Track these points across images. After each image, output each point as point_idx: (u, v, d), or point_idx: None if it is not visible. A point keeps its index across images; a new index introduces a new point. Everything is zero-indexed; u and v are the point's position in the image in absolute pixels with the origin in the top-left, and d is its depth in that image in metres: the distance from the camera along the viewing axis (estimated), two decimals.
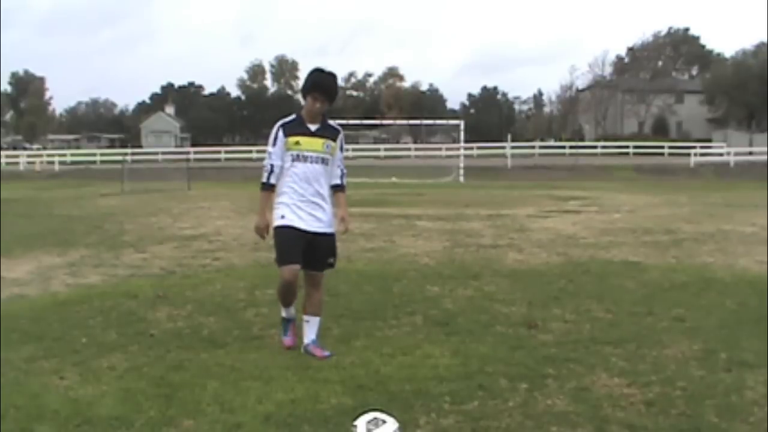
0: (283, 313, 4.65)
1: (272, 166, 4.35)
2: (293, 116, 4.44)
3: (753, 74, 57.18)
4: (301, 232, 4.30)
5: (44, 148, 65.28)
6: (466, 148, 33.56)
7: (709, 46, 78.74)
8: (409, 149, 50.01)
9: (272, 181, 4.36)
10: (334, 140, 4.43)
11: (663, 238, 9.97)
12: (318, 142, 4.34)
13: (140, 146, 65.81)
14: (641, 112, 64.81)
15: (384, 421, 3.13)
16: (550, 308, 5.55)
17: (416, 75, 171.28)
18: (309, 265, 4.42)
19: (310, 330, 4.46)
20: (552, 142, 62.49)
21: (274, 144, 4.35)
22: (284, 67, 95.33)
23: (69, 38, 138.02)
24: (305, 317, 4.48)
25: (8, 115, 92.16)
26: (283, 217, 4.33)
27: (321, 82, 4.32)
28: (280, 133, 4.34)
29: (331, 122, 4.53)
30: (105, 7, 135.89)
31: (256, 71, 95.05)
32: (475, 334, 4.80)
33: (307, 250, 4.34)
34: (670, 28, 77.67)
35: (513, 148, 43.08)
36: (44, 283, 6.96)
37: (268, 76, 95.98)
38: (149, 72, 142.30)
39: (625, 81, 67.87)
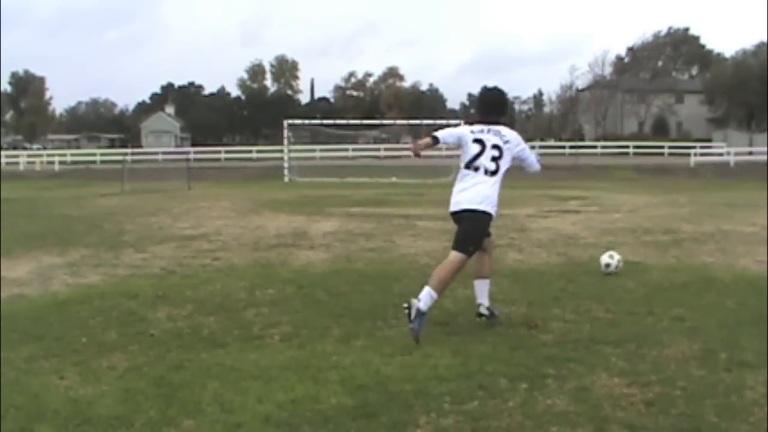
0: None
1: None
2: None
3: (753, 74, 57.21)
4: None
5: (44, 148, 65.29)
6: None
7: (709, 46, 78.87)
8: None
9: None
10: None
11: (663, 238, 9.97)
12: None
13: (140, 146, 65.81)
14: (641, 112, 64.85)
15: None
16: (550, 308, 5.55)
17: (416, 75, 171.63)
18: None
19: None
20: (552, 142, 62.49)
21: None
22: (284, 67, 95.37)
23: (69, 39, 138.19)
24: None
25: (8, 115, 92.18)
26: None
27: None
28: None
29: None
30: (105, 8, 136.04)
31: (256, 71, 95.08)
32: (475, 334, 4.80)
33: None
34: (670, 28, 77.71)
35: None
36: (44, 283, 6.96)
37: (268, 76, 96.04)
38: (149, 72, 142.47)
39: (625, 81, 67.86)
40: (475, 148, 4.83)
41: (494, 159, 4.81)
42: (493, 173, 4.81)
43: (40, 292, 6.55)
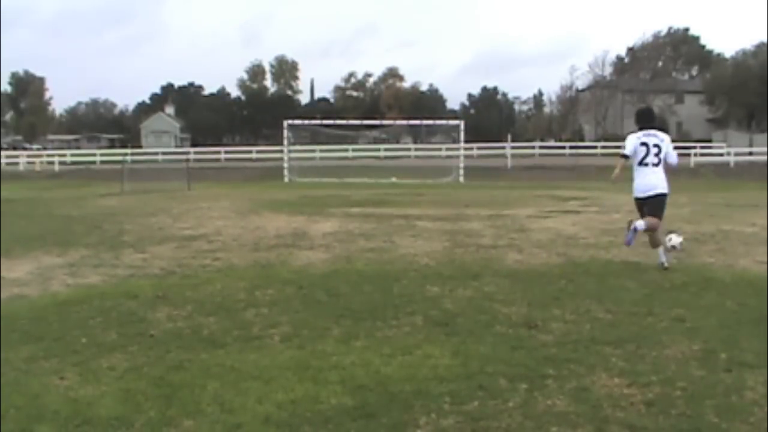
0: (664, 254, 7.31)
1: None
2: None
3: (753, 74, 57.18)
4: None
5: (44, 149, 65.24)
6: (466, 149, 33.51)
7: (709, 46, 78.77)
8: (409, 149, 50.00)
9: None
10: None
11: (663, 238, 9.94)
12: None
13: (140, 146, 65.79)
14: None
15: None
16: (550, 308, 5.55)
17: (416, 75, 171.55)
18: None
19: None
20: (552, 143, 62.49)
21: None
22: (284, 67, 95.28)
23: (69, 39, 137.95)
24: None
25: (8, 115, 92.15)
26: None
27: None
28: None
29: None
30: (105, 8, 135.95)
31: (256, 71, 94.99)
32: (475, 334, 4.80)
33: None
34: (670, 28, 77.59)
35: (513, 148, 43.02)
36: (44, 283, 6.96)
37: (268, 76, 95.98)
38: (149, 72, 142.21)
39: (625, 81, 67.84)
40: (643, 150, 7.16)
41: (656, 155, 7.12)
42: (657, 165, 7.13)
43: (40, 292, 6.55)
